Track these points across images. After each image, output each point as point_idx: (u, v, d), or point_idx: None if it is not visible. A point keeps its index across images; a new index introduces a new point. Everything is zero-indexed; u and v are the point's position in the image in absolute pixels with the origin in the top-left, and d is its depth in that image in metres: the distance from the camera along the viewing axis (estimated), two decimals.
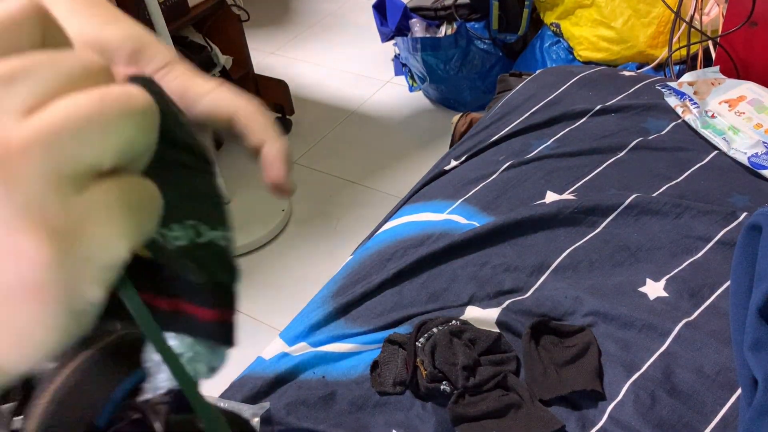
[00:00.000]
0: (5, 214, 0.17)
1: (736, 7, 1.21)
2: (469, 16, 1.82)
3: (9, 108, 0.17)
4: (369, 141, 1.96)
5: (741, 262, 0.68)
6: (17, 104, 0.18)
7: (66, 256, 0.17)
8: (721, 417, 0.62)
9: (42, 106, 0.18)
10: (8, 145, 0.17)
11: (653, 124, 1.02)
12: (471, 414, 0.65)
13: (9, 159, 0.17)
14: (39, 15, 0.19)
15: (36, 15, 0.19)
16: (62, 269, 0.17)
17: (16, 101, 0.17)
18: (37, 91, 0.18)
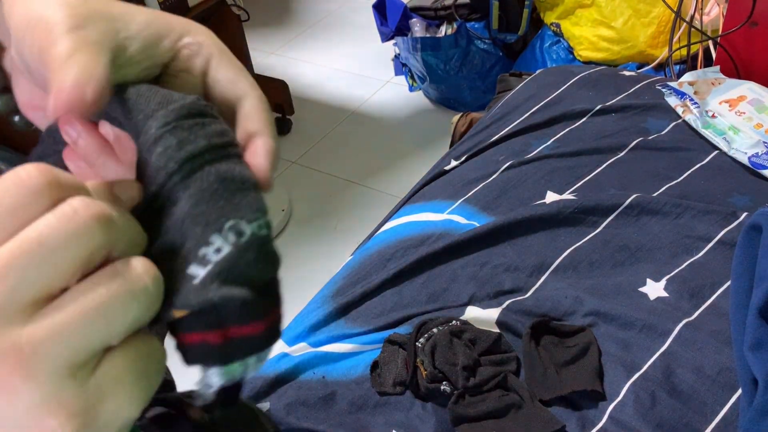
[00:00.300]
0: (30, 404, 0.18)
1: (736, 6, 1.21)
2: (469, 16, 1.82)
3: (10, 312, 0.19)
4: (369, 141, 1.96)
5: (741, 262, 0.68)
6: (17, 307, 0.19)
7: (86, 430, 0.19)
8: (722, 417, 0.62)
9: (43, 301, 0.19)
10: (21, 349, 0.18)
11: (653, 124, 1.02)
12: (471, 414, 0.65)
13: (25, 360, 0.18)
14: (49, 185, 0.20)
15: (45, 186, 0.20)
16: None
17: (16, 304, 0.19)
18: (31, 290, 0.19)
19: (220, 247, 0.22)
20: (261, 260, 0.23)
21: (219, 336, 0.22)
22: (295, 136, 2.00)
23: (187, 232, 0.22)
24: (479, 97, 1.88)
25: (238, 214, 0.22)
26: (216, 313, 0.22)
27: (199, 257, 0.22)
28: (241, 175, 0.23)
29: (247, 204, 0.23)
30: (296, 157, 1.91)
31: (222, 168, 0.23)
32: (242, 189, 0.23)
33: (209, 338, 0.22)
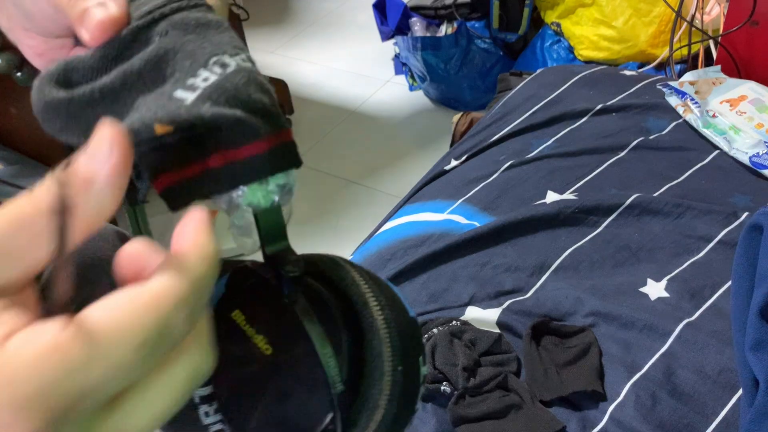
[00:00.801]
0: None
1: (737, 6, 1.21)
2: (470, 15, 1.82)
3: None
4: (369, 141, 1.96)
5: (742, 263, 0.68)
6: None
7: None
8: (722, 418, 0.62)
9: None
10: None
11: (654, 124, 1.02)
12: (471, 415, 0.65)
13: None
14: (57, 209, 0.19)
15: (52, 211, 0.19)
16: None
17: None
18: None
19: (207, 77, 0.23)
20: (250, 84, 0.23)
21: (220, 159, 0.23)
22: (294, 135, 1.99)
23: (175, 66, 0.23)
24: (479, 96, 1.87)
25: (220, 49, 0.24)
26: (211, 133, 0.22)
27: (187, 85, 0.23)
28: (215, 19, 0.25)
29: (228, 41, 0.24)
30: None
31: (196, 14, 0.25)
32: (219, 29, 0.25)
33: (211, 163, 0.23)
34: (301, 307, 0.25)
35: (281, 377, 0.26)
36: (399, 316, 0.26)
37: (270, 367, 0.26)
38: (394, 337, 0.25)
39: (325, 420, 0.24)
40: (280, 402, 0.26)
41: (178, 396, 0.20)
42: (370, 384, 0.25)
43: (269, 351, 0.26)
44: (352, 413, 0.25)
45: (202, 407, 0.27)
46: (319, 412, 0.24)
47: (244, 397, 0.26)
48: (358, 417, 0.25)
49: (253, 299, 0.27)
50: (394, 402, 0.25)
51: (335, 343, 0.25)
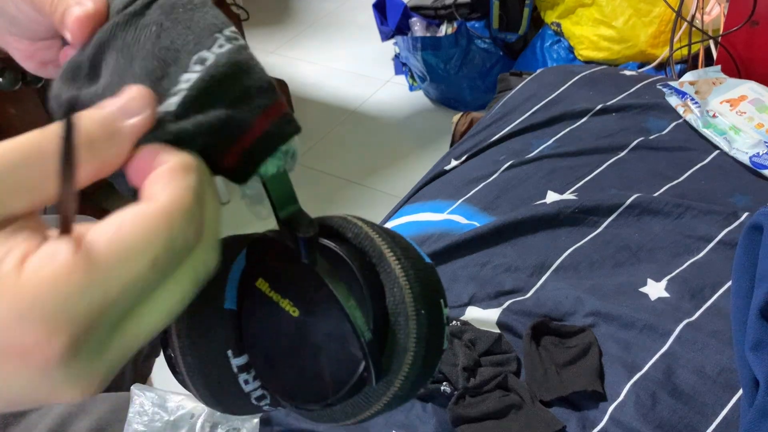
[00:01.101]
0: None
1: (737, 6, 1.21)
2: (470, 15, 1.82)
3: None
4: (369, 141, 1.96)
5: (742, 263, 0.68)
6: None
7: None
8: (723, 418, 0.62)
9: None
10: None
11: (654, 124, 1.02)
12: (471, 415, 0.65)
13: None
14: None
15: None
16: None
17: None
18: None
19: (189, 79, 0.23)
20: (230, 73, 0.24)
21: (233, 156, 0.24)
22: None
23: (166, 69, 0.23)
24: (479, 96, 1.87)
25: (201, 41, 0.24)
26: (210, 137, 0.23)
27: (171, 93, 0.23)
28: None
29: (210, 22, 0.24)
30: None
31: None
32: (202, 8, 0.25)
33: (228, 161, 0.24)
34: (320, 266, 0.26)
35: (312, 335, 0.27)
36: (416, 263, 0.27)
37: (300, 328, 0.27)
38: (414, 283, 0.26)
39: (358, 369, 0.25)
40: (314, 358, 0.27)
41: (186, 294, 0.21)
42: (396, 330, 0.26)
43: (296, 313, 0.27)
44: (383, 360, 0.26)
45: (241, 376, 0.28)
46: (352, 363, 0.26)
47: (279, 359, 0.28)
48: (389, 363, 0.26)
49: (274, 266, 0.28)
50: (422, 344, 0.26)
51: (357, 295, 0.25)
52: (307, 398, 0.27)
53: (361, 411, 0.28)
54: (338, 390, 0.26)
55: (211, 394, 0.29)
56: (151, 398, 0.62)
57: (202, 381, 0.28)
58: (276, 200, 0.26)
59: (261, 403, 0.29)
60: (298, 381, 0.27)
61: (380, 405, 0.27)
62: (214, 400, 0.29)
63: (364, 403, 0.27)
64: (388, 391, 0.27)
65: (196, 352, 0.28)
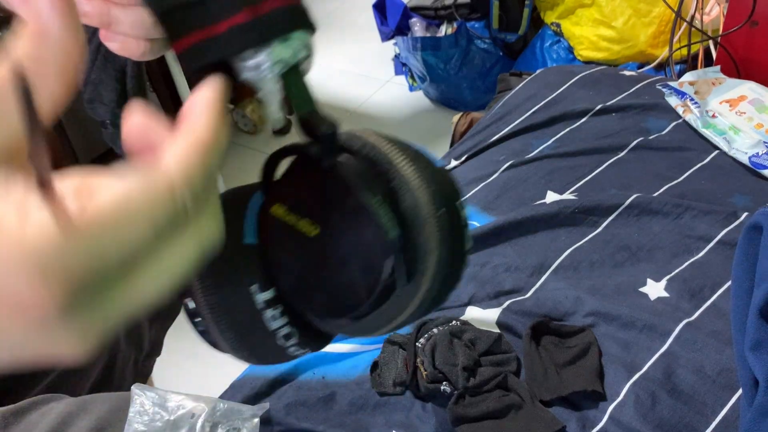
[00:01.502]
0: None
1: (736, 6, 1.21)
2: (470, 16, 1.82)
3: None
4: None
5: (742, 262, 0.68)
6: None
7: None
8: (722, 417, 0.62)
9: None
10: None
11: (654, 124, 1.02)
12: (471, 415, 0.65)
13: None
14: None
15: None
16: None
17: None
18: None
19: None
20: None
21: (248, 14, 0.23)
22: (294, 135, 1.99)
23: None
24: (479, 96, 1.87)
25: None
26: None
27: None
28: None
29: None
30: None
31: None
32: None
33: (237, 20, 0.23)
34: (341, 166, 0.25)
35: (335, 249, 0.26)
36: (428, 166, 0.26)
37: (322, 245, 0.26)
38: (429, 184, 0.26)
39: (386, 270, 0.25)
40: (340, 272, 0.26)
41: (190, 261, 0.21)
42: (417, 232, 0.25)
43: (317, 230, 0.26)
44: (409, 264, 0.26)
45: (267, 312, 0.27)
46: (379, 265, 0.25)
47: (306, 281, 0.27)
48: (415, 265, 0.26)
49: (290, 187, 0.28)
50: (445, 244, 0.25)
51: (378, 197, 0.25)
52: (338, 313, 0.27)
53: (392, 317, 0.27)
54: (368, 296, 0.26)
55: (236, 336, 0.28)
56: (151, 398, 0.62)
57: (227, 321, 0.27)
58: (294, 98, 0.25)
59: (288, 342, 0.28)
60: (328, 298, 0.27)
61: (412, 308, 0.26)
62: (240, 342, 0.28)
63: (396, 309, 0.26)
64: (418, 293, 0.26)
65: (219, 291, 0.27)
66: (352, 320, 0.27)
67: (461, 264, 0.27)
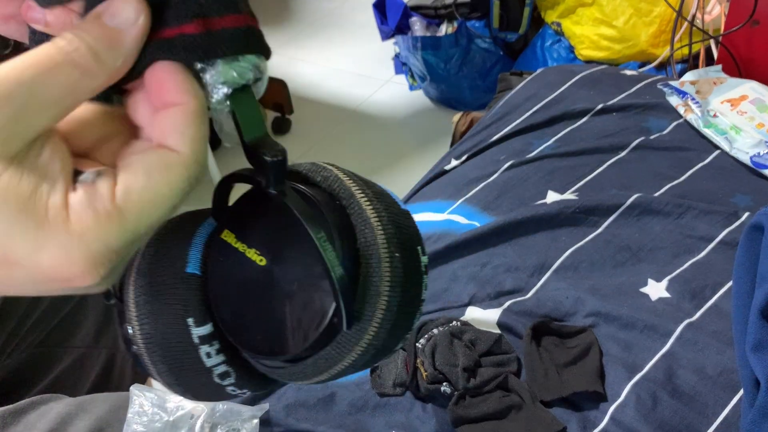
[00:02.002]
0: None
1: (738, 5, 1.21)
2: (470, 15, 1.82)
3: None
4: (369, 141, 1.96)
5: (743, 263, 0.68)
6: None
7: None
8: (723, 418, 0.62)
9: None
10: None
11: (655, 124, 1.02)
12: (471, 415, 0.65)
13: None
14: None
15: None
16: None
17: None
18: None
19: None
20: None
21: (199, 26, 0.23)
22: (294, 135, 1.99)
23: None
24: (480, 96, 1.87)
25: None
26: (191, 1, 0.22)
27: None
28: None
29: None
30: (296, 156, 1.91)
31: None
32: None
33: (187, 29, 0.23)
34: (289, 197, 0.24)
35: (280, 283, 0.25)
36: (389, 207, 0.26)
37: (267, 277, 0.25)
38: (387, 225, 0.25)
39: (329, 312, 0.24)
40: (283, 309, 0.25)
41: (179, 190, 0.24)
42: (368, 273, 0.24)
43: (264, 261, 0.25)
44: (356, 305, 0.24)
45: (203, 348, 0.26)
46: (322, 309, 0.24)
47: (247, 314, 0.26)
48: (362, 308, 0.24)
49: (241, 214, 0.27)
50: (396, 289, 0.24)
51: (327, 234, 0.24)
52: (276, 353, 0.25)
53: (333, 363, 0.25)
54: (308, 339, 0.24)
55: (169, 369, 0.26)
56: (150, 398, 0.62)
57: (161, 353, 0.26)
58: (242, 122, 0.24)
59: (225, 381, 0.27)
60: (267, 335, 0.26)
61: (354, 356, 0.25)
62: (173, 377, 0.27)
63: (337, 354, 0.25)
64: (362, 340, 0.24)
65: (154, 321, 0.26)
66: (289, 362, 0.26)
67: (414, 313, 0.26)
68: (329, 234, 0.24)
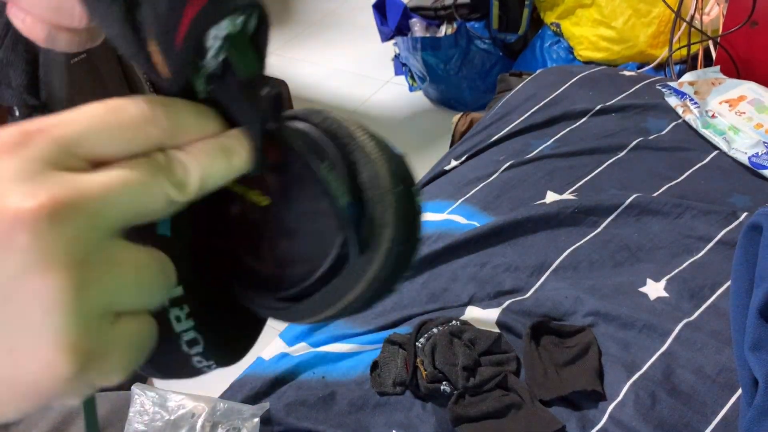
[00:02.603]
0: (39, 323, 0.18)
1: (736, 6, 1.21)
2: (469, 16, 1.82)
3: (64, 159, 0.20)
4: None
5: (741, 262, 0.68)
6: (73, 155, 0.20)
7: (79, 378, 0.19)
8: (722, 417, 0.62)
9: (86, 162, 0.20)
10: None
11: (653, 124, 1.02)
12: (471, 414, 0.65)
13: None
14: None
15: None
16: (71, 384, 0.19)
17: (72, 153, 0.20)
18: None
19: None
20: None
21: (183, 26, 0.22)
22: None
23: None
24: (479, 97, 1.87)
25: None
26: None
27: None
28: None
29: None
30: None
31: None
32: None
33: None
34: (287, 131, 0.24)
35: (284, 220, 0.25)
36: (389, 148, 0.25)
37: (271, 215, 0.25)
38: (389, 159, 0.24)
39: (336, 242, 0.24)
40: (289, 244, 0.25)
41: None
42: (373, 203, 0.24)
43: (266, 202, 0.25)
44: (362, 236, 0.24)
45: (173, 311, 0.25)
46: (329, 237, 0.24)
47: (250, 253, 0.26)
48: (368, 238, 0.24)
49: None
50: (401, 221, 0.24)
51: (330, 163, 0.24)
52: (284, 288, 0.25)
53: (341, 296, 0.25)
54: (316, 271, 0.24)
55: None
56: (151, 398, 0.62)
57: None
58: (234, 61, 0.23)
59: (192, 350, 0.26)
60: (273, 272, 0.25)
61: (359, 289, 0.24)
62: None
63: (345, 286, 0.24)
64: (369, 270, 0.24)
65: None
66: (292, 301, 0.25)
67: (414, 249, 0.26)
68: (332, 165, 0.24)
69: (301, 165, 0.23)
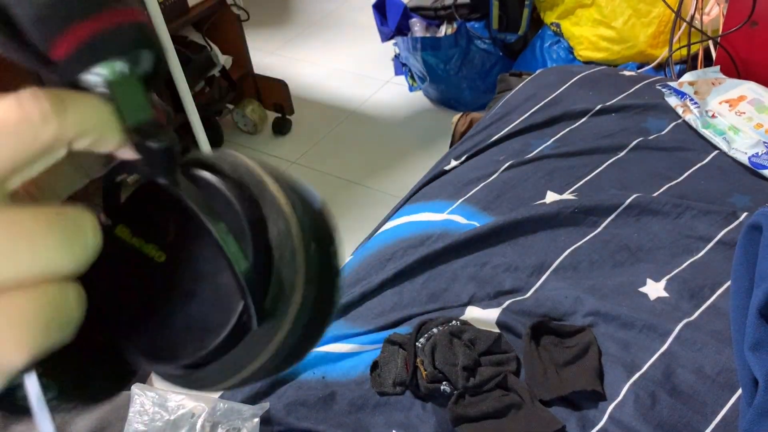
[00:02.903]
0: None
1: (736, 6, 1.21)
2: (469, 16, 1.82)
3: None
4: (369, 141, 1.96)
5: (741, 262, 0.68)
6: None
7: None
8: (722, 417, 0.62)
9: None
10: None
11: (653, 124, 1.02)
12: (471, 414, 0.65)
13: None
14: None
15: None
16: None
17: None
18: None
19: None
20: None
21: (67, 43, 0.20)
22: (294, 136, 1.99)
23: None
24: (479, 97, 1.88)
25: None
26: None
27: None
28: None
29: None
30: (296, 157, 1.91)
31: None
32: None
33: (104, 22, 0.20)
34: (183, 187, 0.22)
35: (181, 281, 0.23)
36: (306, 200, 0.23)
37: (167, 274, 0.23)
38: (303, 213, 0.23)
39: (237, 309, 0.22)
40: (185, 307, 0.23)
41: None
42: (281, 265, 0.22)
43: (163, 257, 0.23)
44: (267, 302, 0.22)
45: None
46: (228, 302, 0.22)
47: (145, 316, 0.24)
48: (275, 304, 0.22)
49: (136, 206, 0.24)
50: (312, 284, 0.22)
51: (233, 226, 0.22)
52: (177, 357, 0.23)
53: (243, 366, 0.23)
54: (214, 340, 0.22)
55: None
56: (151, 398, 0.62)
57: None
58: (123, 105, 0.21)
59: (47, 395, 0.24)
60: (167, 338, 0.23)
61: (264, 358, 0.23)
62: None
63: (246, 356, 0.23)
64: (275, 339, 0.22)
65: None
66: (191, 368, 0.24)
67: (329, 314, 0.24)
68: (236, 225, 0.22)
69: (197, 224, 0.22)
